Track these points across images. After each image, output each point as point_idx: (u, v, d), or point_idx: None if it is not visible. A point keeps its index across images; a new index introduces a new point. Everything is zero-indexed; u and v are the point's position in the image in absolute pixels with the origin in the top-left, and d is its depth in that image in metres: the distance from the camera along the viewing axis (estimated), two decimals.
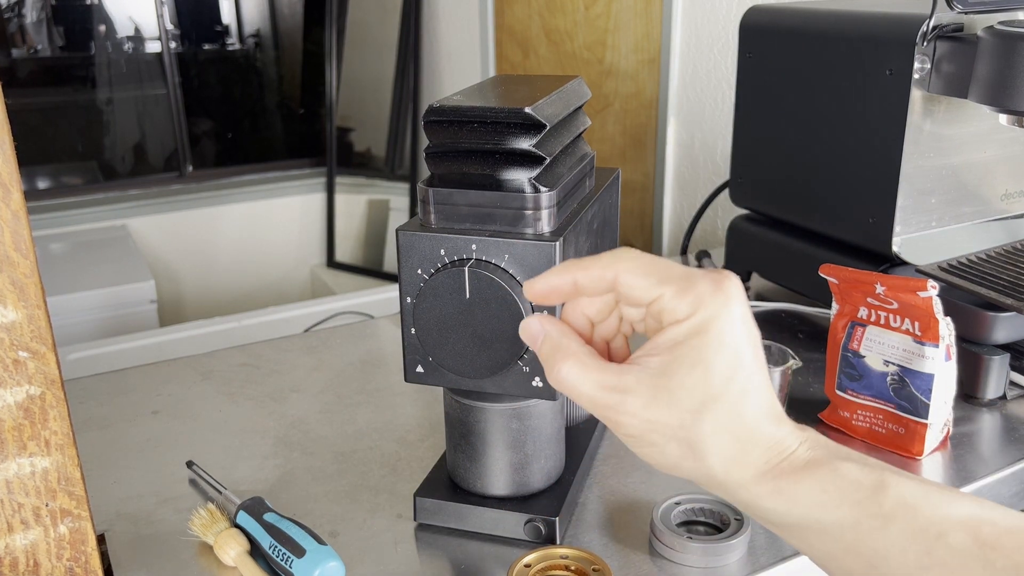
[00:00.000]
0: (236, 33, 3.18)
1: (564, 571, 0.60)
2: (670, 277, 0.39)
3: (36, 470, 0.49)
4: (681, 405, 0.38)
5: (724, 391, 0.38)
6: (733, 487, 0.39)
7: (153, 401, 0.88)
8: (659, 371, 0.38)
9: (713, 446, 0.38)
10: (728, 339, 0.38)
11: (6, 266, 0.45)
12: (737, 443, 0.38)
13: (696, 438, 0.38)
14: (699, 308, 0.38)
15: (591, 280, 0.41)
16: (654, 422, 0.38)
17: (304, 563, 0.59)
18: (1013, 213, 0.94)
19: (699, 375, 0.38)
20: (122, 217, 2.77)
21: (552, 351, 0.41)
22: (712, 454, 0.38)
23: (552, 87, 0.61)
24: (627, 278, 0.40)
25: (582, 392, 0.40)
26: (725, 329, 0.38)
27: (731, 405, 0.38)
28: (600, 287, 0.41)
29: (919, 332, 0.71)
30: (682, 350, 0.38)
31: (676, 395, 0.38)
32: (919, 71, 0.81)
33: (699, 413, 0.38)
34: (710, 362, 0.38)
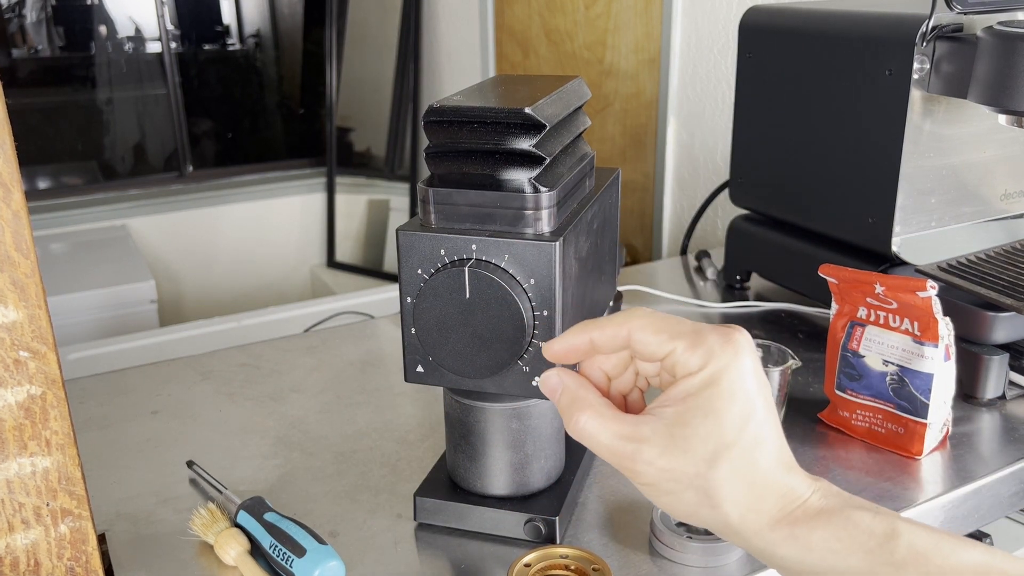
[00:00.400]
0: (236, 33, 3.18)
1: (564, 571, 0.60)
2: (681, 332, 0.41)
3: (37, 470, 0.49)
4: (696, 454, 0.39)
5: (737, 439, 0.39)
6: (748, 534, 0.40)
7: (153, 401, 0.88)
8: (673, 421, 0.40)
9: (728, 494, 0.39)
10: (739, 389, 0.40)
11: (7, 266, 0.45)
12: (751, 491, 0.40)
13: (711, 486, 0.39)
14: (710, 360, 0.40)
15: (606, 338, 0.43)
16: (670, 470, 0.40)
17: (304, 563, 0.59)
18: (1012, 213, 0.94)
19: (712, 424, 0.39)
20: (122, 217, 2.77)
21: (570, 403, 0.43)
22: (727, 501, 0.39)
23: (552, 87, 0.61)
24: (640, 335, 0.42)
25: (600, 442, 0.42)
26: (736, 380, 0.40)
27: (744, 453, 0.39)
28: (615, 344, 0.43)
29: (918, 332, 0.71)
30: (695, 400, 0.40)
31: (691, 444, 0.39)
32: (919, 71, 0.81)
33: (713, 461, 0.39)
34: (722, 412, 0.39)
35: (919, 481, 0.72)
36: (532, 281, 0.55)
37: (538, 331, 0.56)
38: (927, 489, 0.71)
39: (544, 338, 0.56)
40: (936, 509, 0.70)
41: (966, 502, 0.71)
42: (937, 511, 0.70)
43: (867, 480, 0.72)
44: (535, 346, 0.57)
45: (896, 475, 0.72)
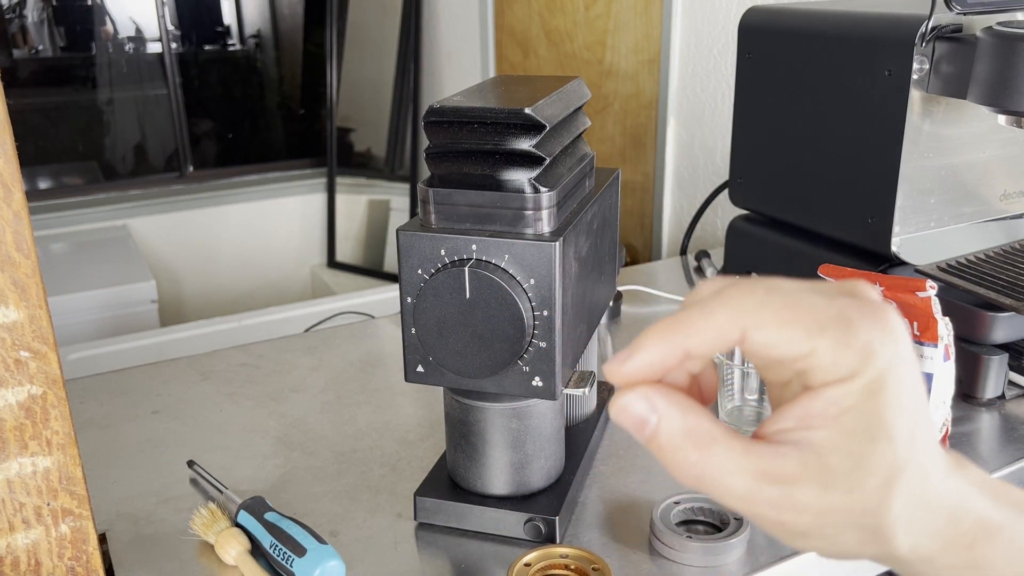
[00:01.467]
0: (237, 34, 3.19)
1: (564, 570, 0.60)
2: (820, 324, 0.29)
3: (37, 469, 0.49)
4: (865, 488, 0.30)
5: (910, 459, 0.30)
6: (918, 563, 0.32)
7: (154, 401, 0.88)
8: (830, 448, 0.30)
9: (902, 527, 0.31)
10: (908, 393, 0.30)
11: (8, 266, 0.45)
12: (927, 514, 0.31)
13: (883, 523, 0.30)
14: (869, 361, 0.29)
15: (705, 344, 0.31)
16: (830, 513, 0.30)
17: (305, 562, 0.59)
18: (1012, 213, 0.94)
19: (883, 448, 0.30)
20: (123, 217, 2.77)
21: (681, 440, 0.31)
22: (900, 536, 0.31)
23: (552, 87, 0.61)
24: (762, 336, 0.30)
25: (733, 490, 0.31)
26: (904, 381, 0.30)
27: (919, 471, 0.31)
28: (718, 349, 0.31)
29: (918, 332, 0.71)
30: (855, 418, 0.29)
31: (856, 477, 0.30)
32: (918, 71, 0.81)
33: (886, 493, 0.30)
34: (893, 429, 0.30)
35: None
36: (532, 281, 0.55)
37: (538, 331, 0.56)
38: None
39: (544, 338, 0.56)
40: None
41: None
42: None
43: None
44: (535, 346, 0.57)
45: None
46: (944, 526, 0.31)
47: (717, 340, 0.30)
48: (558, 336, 0.56)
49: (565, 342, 0.58)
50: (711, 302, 0.31)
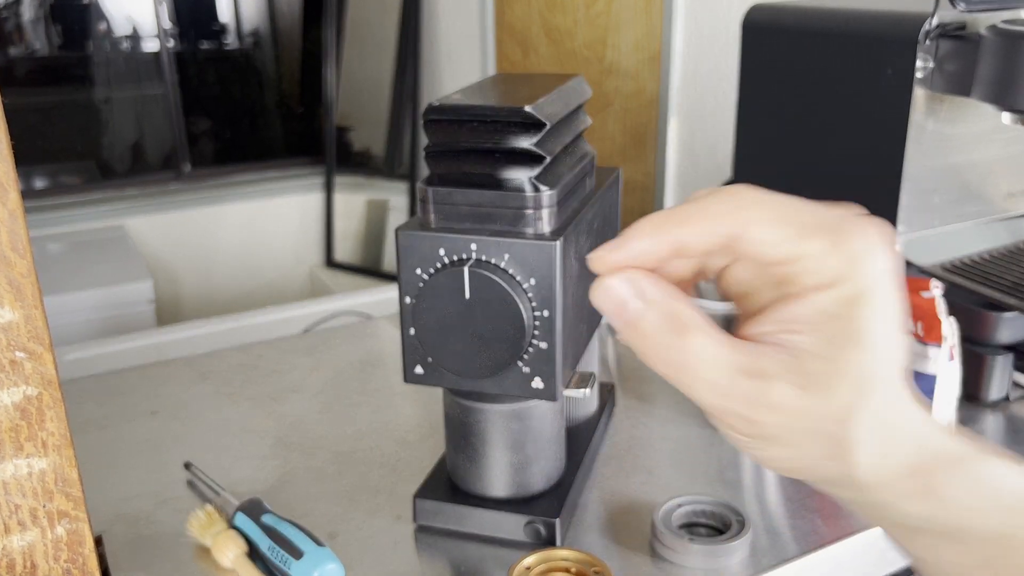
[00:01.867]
0: (234, 32, 3.18)
1: (564, 573, 0.60)
2: (813, 227, 0.30)
3: (33, 471, 0.49)
4: (840, 394, 0.30)
5: (887, 374, 0.30)
6: (873, 487, 0.32)
7: (151, 402, 0.88)
8: (811, 351, 0.30)
9: (865, 442, 0.31)
10: (891, 306, 0.30)
11: (3, 266, 0.45)
12: (892, 435, 0.31)
13: (848, 434, 0.30)
14: (855, 268, 0.30)
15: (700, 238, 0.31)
16: (801, 416, 0.30)
17: (302, 565, 0.58)
18: (1017, 212, 0.94)
19: (863, 356, 0.30)
20: (120, 217, 2.77)
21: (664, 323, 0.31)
22: (862, 451, 0.31)
23: (552, 86, 0.61)
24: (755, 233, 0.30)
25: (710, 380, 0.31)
26: (888, 294, 0.30)
27: (888, 389, 0.31)
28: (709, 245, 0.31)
29: (922, 332, 0.71)
30: (840, 324, 0.30)
31: (834, 382, 0.30)
32: (922, 70, 0.81)
33: (856, 402, 0.30)
34: (875, 339, 0.30)
35: None
36: (532, 281, 0.55)
37: (538, 331, 0.56)
38: None
39: (545, 338, 0.56)
40: None
41: None
42: None
43: None
44: (535, 346, 0.56)
45: None
46: (906, 449, 0.31)
47: (711, 233, 0.31)
48: (558, 336, 0.56)
49: (566, 343, 0.57)
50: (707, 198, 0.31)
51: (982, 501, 0.31)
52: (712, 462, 0.74)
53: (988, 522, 0.31)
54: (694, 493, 0.67)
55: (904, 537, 0.33)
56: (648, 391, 0.87)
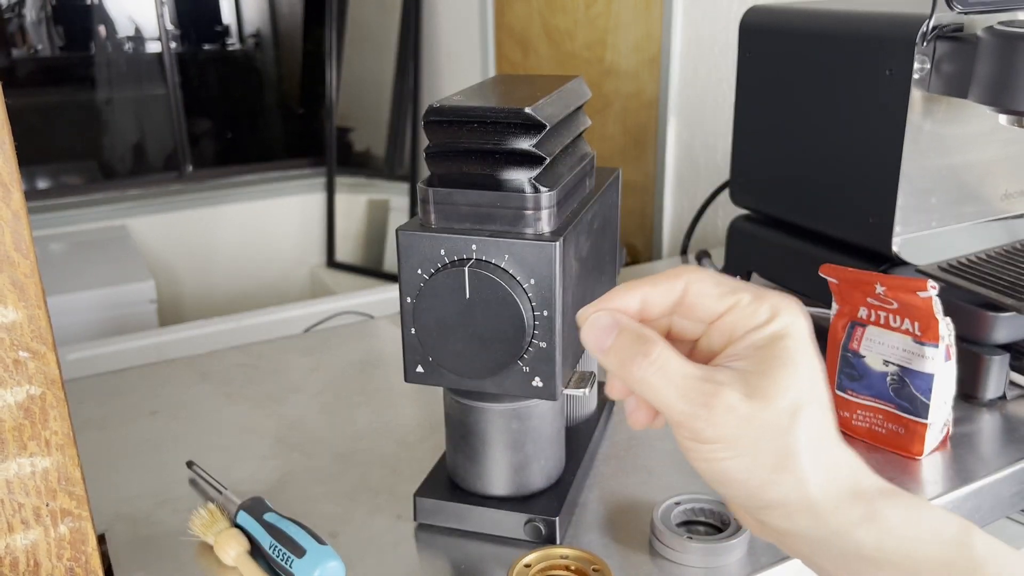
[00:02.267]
0: (236, 33, 3.18)
1: (564, 571, 0.60)
2: (741, 287, 0.39)
3: (36, 470, 0.49)
4: (778, 404, 0.36)
5: (813, 396, 0.37)
6: (826, 509, 0.36)
7: (153, 401, 0.88)
8: (749, 370, 0.37)
9: (808, 453, 0.36)
10: (808, 346, 0.37)
11: (6, 266, 0.45)
12: (829, 456, 0.37)
13: (792, 443, 0.36)
14: (778, 313, 0.38)
15: (659, 295, 0.39)
16: (752, 419, 0.36)
17: (304, 563, 0.59)
18: (1013, 213, 0.94)
19: (791, 375, 0.36)
20: (122, 217, 2.77)
21: (634, 341, 0.38)
22: (807, 463, 0.36)
23: (552, 87, 0.61)
24: (698, 287, 0.39)
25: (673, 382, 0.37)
26: (804, 337, 0.38)
27: (821, 412, 0.37)
28: (668, 302, 0.40)
29: (919, 332, 0.71)
30: (770, 351, 0.37)
31: (773, 392, 0.36)
32: (919, 71, 0.81)
33: (795, 415, 0.36)
34: (799, 364, 0.37)
35: (920, 481, 0.71)
36: (532, 281, 0.55)
37: (538, 331, 0.56)
38: (927, 489, 0.70)
39: (544, 338, 0.56)
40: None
41: (966, 502, 0.71)
42: None
43: None
44: (535, 346, 0.57)
45: (896, 475, 0.72)
46: (845, 471, 0.37)
47: (668, 291, 0.39)
48: (558, 336, 0.56)
49: (565, 342, 0.58)
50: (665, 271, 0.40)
51: (924, 531, 0.36)
52: None
53: (933, 551, 0.36)
54: (693, 492, 0.67)
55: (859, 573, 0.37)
56: None
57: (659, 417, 0.42)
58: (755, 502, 0.37)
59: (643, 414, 0.42)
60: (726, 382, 0.36)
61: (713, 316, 0.39)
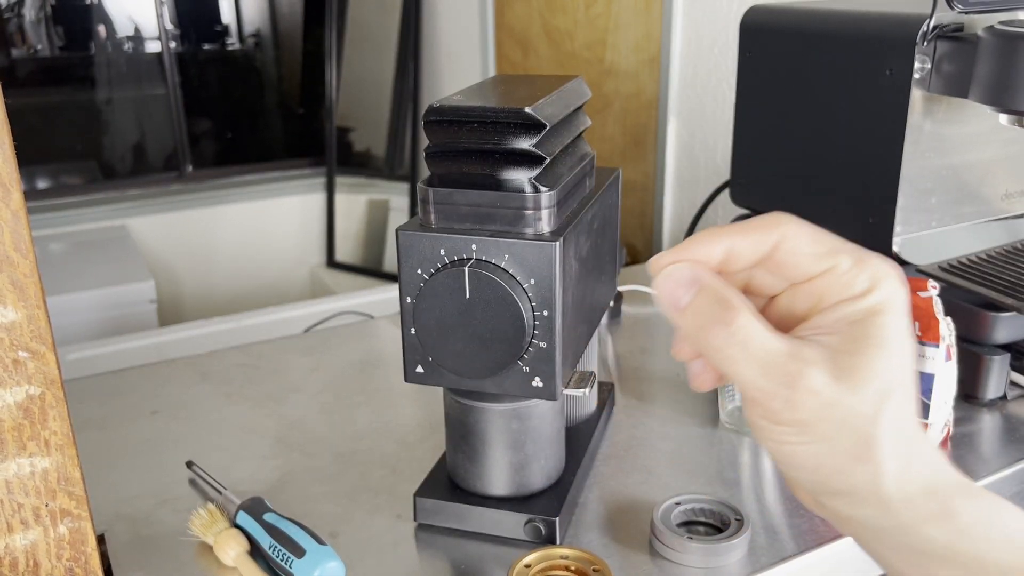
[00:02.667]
0: (236, 33, 3.18)
1: (564, 571, 0.60)
2: (843, 247, 0.35)
3: (36, 470, 0.49)
4: (868, 388, 0.33)
5: (904, 382, 0.33)
6: (898, 503, 0.33)
7: (152, 401, 0.88)
8: (840, 348, 0.33)
9: (890, 444, 0.33)
10: (905, 325, 0.34)
11: (6, 266, 0.45)
12: (910, 446, 0.33)
13: (877, 431, 0.33)
14: (879, 284, 0.34)
15: (749, 246, 0.35)
16: (837, 404, 0.32)
17: (304, 563, 0.59)
18: (1014, 213, 0.94)
19: (885, 358, 0.33)
20: (122, 217, 2.77)
21: (715, 303, 0.34)
22: (887, 454, 0.33)
23: (552, 87, 0.61)
24: (794, 243, 0.35)
25: (756, 357, 0.33)
26: (903, 313, 0.34)
27: (907, 400, 0.34)
28: (757, 254, 0.36)
29: (919, 332, 0.71)
30: (865, 328, 0.33)
31: (862, 375, 0.33)
32: (919, 71, 0.81)
33: (882, 403, 0.33)
34: (895, 345, 0.33)
35: None
36: (532, 281, 0.55)
37: (538, 331, 0.56)
38: None
39: (544, 338, 0.56)
40: None
41: None
42: None
43: None
44: (535, 346, 0.57)
45: None
46: (925, 465, 0.34)
47: (758, 241, 0.35)
48: (558, 336, 0.56)
49: (565, 342, 0.58)
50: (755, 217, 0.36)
51: (999, 535, 0.33)
52: (711, 461, 0.75)
53: (1005, 557, 0.33)
54: (693, 492, 0.67)
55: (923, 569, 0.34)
56: (648, 391, 0.87)
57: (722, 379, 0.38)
58: (824, 488, 0.35)
59: (709, 377, 0.38)
60: (813, 361, 0.33)
61: (805, 277, 0.35)
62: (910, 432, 0.34)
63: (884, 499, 0.33)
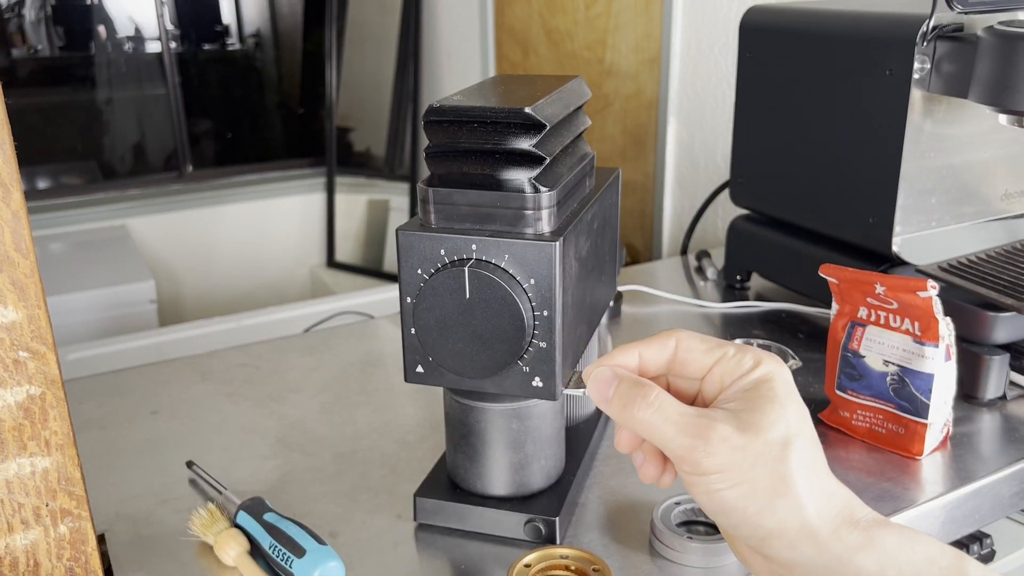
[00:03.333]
0: (236, 33, 3.18)
1: (564, 571, 0.60)
2: (726, 342, 0.43)
3: (36, 470, 0.49)
4: (769, 435, 0.39)
5: (801, 429, 0.40)
6: (825, 535, 0.38)
7: (153, 401, 0.88)
8: (740, 408, 0.40)
9: (803, 480, 0.38)
10: (792, 390, 0.41)
11: (6, 266, 0.45)
12: (822, 486, 0.39)
13: (786, 470, 0.38)
14: (761, 361, 0.41)
15: (653, 352, 0.44)
16: (746, 448, 0.38)
17: (304, 563, 0.59)
18: (1013, 213, 0.94)
19: (779, 412, 0.39)
20: (122, 217, 2.77)
21: (632, 386, 0.42)
22: (802, 489, 0.38)
23: (552, 87, 0.61)
24: (686, 343, 0.43)
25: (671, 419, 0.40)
26: (788, 380, 0.41)
27: (811, 446, 0.40)
28: (662, 359, 0.44)
29: (919, 332, 0.71)
30: (757, 392, 0.40)
31: (763, 425, 0.39)
32: (919, 71, 0.81)
33: (786, 445, 0.39)
34: (786, 402, 0.40)
35: (920, 481, 0.71)
36: (532, 281, 0.55)
37: (538, 331, 0.56)
38: (928, 489, 0.70)
39: (544, 338, 0.56)
40: (937, 509, 0.70)
41: (967, 502, 0.71)
42: (938, 511, 0.70)
43: (867, 480, 0.71)
44: (535, 346, 0.57)
45: (896, 475, 0.72)
46: (840, 499, 0.39)
47: (661, 348, 0.44)
48: (558, 336, 0.56)
49: (565, 342, 0.58)
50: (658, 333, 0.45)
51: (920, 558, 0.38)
52: None
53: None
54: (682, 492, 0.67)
55: None
56: None
57: (667, 473, 0.45)
58: (757, 532, 0.39)
59: (652, 468, 0.45)
60: (720, 418, 0.40)
61: (703, 370, 0.43)
62: (820, 471, 0.39)
63: (812, 533, 0.38)
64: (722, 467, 0.39)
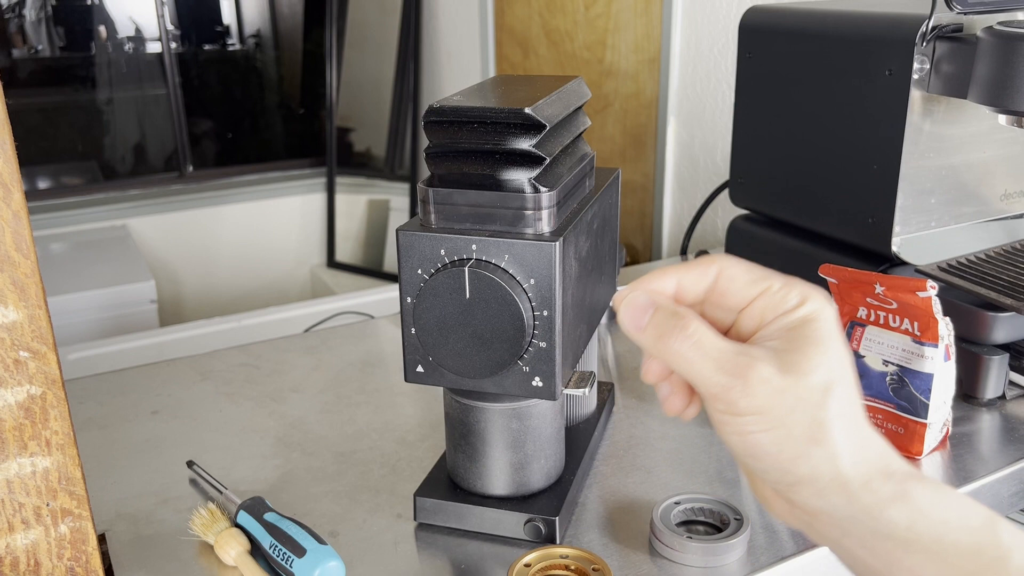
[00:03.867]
0: (236, 33, 3.19)
1: (564, 571, 0.60)
2: (772, 274, 0.40)
3: (37, 470, 0.49)
4: (811, 378, 0.36)
5: (843, 375, 0.37)
6: (857, 485, 0.36)
7: (153, 401, 0.88)
8: (782, 348, 0.37)
9: (840, 428, 0.36)
10: (838, 330, 0.38)
11: (7, 266, 0.45)
12: (860, 433, 0.37)
13: (824, 417, 0.36)
14: (808, 299, 0.39)
15: (693, 279, 0.41)
16: (786, 391, 0.36)
17: (304, 563, 0.59)
18: (1012, 213, 0.94)
19: (823, 353, 0.37)
20: (122, 217, 2.77)
21: (670, 317, 0.39)
22: (839, 437, 0.36)
23: (552, 87, 0.61)
24: (730, 272, 0.40)
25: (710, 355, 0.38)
26: (833, 320, 0.38)
27: (851, 392, 0.37)
28: (701, 286, 0.41)
29: (918, 332, 0.71)
30: (801, 331, 0.38)
31: (805, 368, 0.36)
32: (919, 71, 0.81)
33: (827, 391, 0.36)
34: (830, 344, 0.37)
35: None
36: (532, 281, 0.55)
37: (538, 331, 0.56)
38: None
39: (544, 338, 0.56)
40: None
41: None
42: None
43: None
44: (535, 346, 0.57)
45: None
46: (876, 449, 0.37)
47: (701, 276, 0.41)
48: (558, 336, 0.56)
49: (565, 342, 0.58)
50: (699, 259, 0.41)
51: (954, 516, 0.36)
52: (711, 461, 0.75)
53: (962, 537, 0.36)
54: (692, 491, 0.67)
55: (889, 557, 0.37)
56: (647, 390, 0.87)
57: (692, 406, 0.42)
58: (787, 477, 0.37)
59: (678, 399, 0.42)
60: (761, 357, 0.37)
61: (744, 302, 0.40)
62: (858, 419, 0.37)
63: (845, 483, 0.36)
64: (760, 409, 0.36)
